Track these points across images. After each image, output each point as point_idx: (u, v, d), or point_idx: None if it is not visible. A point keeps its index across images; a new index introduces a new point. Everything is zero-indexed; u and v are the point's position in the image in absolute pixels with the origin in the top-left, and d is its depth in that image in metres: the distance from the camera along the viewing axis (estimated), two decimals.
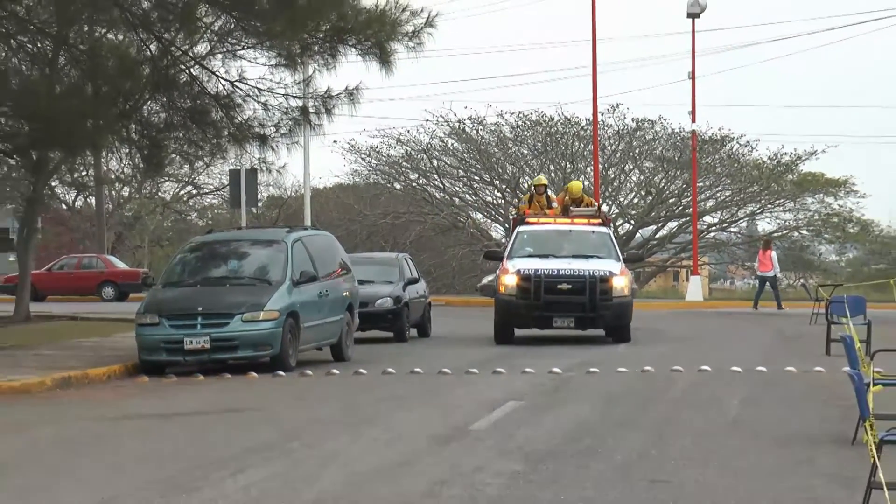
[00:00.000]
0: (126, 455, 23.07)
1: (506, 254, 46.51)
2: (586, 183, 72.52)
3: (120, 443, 25.01)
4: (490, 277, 72.99)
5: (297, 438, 24.37)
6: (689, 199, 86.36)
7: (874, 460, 15.14)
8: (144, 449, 23.92)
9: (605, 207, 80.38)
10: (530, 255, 45.60)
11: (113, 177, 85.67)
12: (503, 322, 44.51)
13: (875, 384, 18.25)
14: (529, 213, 55.21)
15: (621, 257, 47.99)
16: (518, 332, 52.90)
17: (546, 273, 43.67)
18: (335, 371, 38.90)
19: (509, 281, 41.86)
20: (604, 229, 50.42)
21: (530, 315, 43.81)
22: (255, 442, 23.59)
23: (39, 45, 45.99)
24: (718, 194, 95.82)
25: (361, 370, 37.05)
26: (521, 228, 50.96)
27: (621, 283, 44.68)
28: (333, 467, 21.33)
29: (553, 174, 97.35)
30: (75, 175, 76.95)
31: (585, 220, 49.84)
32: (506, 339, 44.20)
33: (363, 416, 27.63)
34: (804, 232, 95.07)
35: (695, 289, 74.56)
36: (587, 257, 47.03)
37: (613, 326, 47.61)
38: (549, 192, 58.28)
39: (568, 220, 50.97)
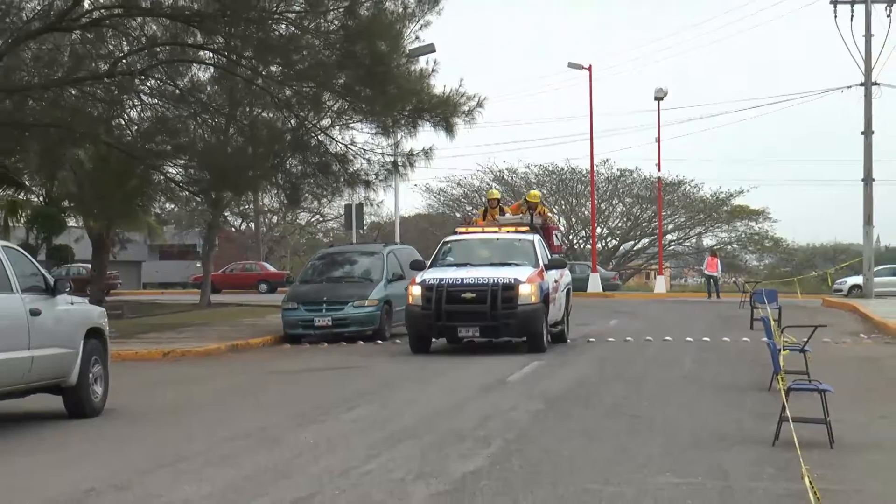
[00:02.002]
0: (273, 398, 23.93)
1: (428, 264, 35.68)
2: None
3: (270, 389, 25.74)
4: None
5: (389, 387, 24.45)
6: (656, 224, 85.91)
7: (784, 402, 15.06)
8: (286, 393, 24.79)
9: (598, 229, 79.75)
10: (449, 265, 34.63)
11: (266, 209, 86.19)
12: (414, 333, 34.25)
13: (784, 349, 18.17)
14: (484, 224, 40.82)
15: (542, 264, 34.49)
16: None
17: (450, 283, 32.80)
18: None
19: (415, 292, 32.51)
20: (529, 236, 36.53)
21: (434, 325, 33.15)
22: (361, 389, 24.36)
23: (216, 120, 46.04)
24: (676, 220, 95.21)
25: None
26: (447, 239, 39.06)
27: (527, 290, 32.38)
28: (413, 407, 21.37)
29: (563, 206, 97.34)
30: (240, 208, 77.63)
31: (513, 229, 37.00)
32: (421, 350, 33.67)
33: (435, 372, 27.71)
34: (735, 245, 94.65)
35: (660, 284, 74.06)
36: (503, 265, 34.23)
37: (521, 335, 34.12)
38: (503, 206, 43.29)
39: (496, 229, 37.72)
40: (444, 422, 19.24)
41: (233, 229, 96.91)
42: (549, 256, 34.12)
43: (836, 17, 59.48)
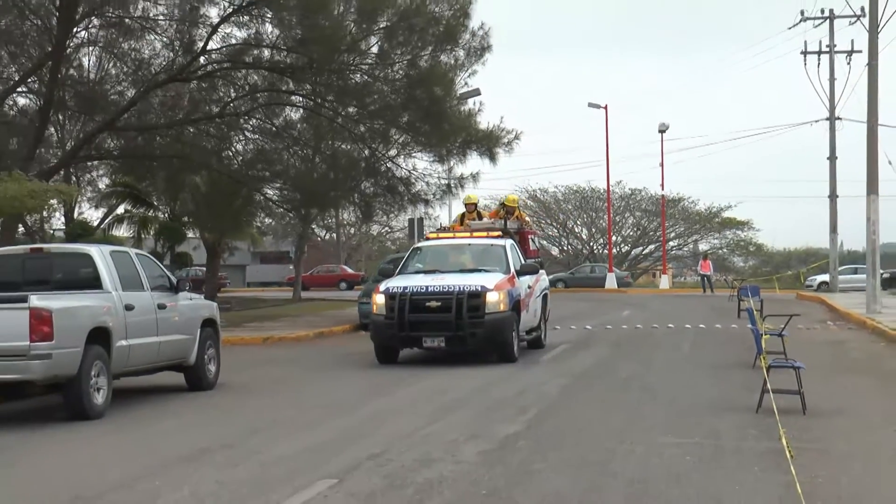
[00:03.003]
0: (348, 375, 23.81)
1: (396, 271, 29.56)
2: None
3: (347, 368, 25.57)
4: None
5: (447, 363, 24.21)
6: (660, 232, 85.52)
7: (765, 377, 15.00)
8: (360, 371, 24.60)
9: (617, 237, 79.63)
10: (417, 272, 28.38)
11: (345, 222, 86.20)
12: (378, 344, 27.56)
13: (765, 334, 18.08)
14: (459, 228, 34.12)
15: (513, 270, 27.87)
16: None
17: (414, 291, 26.71)
18: None
19: (379, 300, 26.62)
20: (501, 241, 29.51)
21: (397, 336, 26.81)
22: (418, 364, 24.21)
23: (304, 151, 46.24)
24: (676, 229, 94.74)
25: None
26: (417, 245, 32.95)
27: (495, 298, 26.05)
28: (468, 381, 21.32)
29: (585, 219, 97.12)
30: (325, 221, 77.83)
31: (485, 234, 30.13)
32: (388, 360, 27.09)
33: (459, 356, 27.51)
34: (724, 250, 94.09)
35: (664, 282, 73.49)
36: (473, 271, 27.73)
37: (488, 345, 26.84)
38: (481, 211, 35.29)
39: (468, 234, 30.65)
40: (492, 392, 19.33)
41: (318, 239, 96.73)
42: (523, 262, 27.28)
43: (805, 64, 60.06)
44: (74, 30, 41.21)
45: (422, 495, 10.91)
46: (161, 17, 43.11)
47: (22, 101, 43.72)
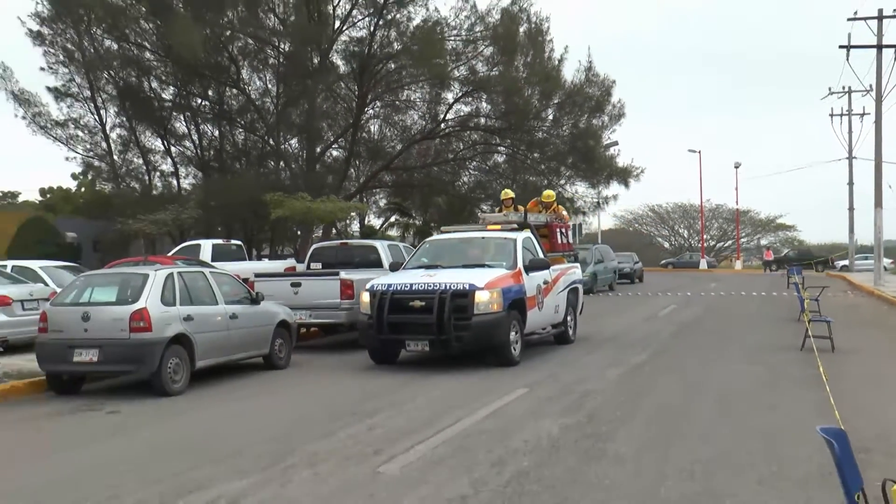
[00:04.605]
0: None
1: (402, 266, 18.09)
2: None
3: None
4: None
5: (600, 316, 24.08)
6: (735, 232, 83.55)
7: (807, 326, 14.70)
8: None
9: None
10: (419, 267, 17.12)
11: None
12: (366, 345, 16.20)
13: (806, 299, 17.81)
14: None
15: (520, 265, 16.27)
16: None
17: (397, 289, 15.54)
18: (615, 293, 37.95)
19: (364, 299, 15.97)
20: (513, 235, 17.37)
21: (377, 337, 15.52)
22: (586, 316, 23.22)
23: (506, 181, 46.04)
24: (745, 230, 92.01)
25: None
26: (428, 239, 21.10)
27: (485, 297, 14.95)
28: (610, 327, 21.18)
29: (686, 224, 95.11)
30: None
31: (498, 227, 18.61)
32: (383, 360, 15.79)
33: (624, 306, 27.27)
34: (777, 244, 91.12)
35: (738, 265, 71.81)
36: (474, 267, 16.30)
37: (477, 348, 15.03)
38: (518, 206, 21.04)
39: (481, 228, 19.33)
40: (626, 336, 19.26)
41: None
42: (540, 256, 16.99)
43: (832, 122, 59.59)
44: (365, 109, 42.31)
45: (583, 399, 11.09)
46: (418, 100, 44.18)
47: (335, 153, 44.79)
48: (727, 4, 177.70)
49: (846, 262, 61.47)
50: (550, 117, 44.62)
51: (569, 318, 17.94)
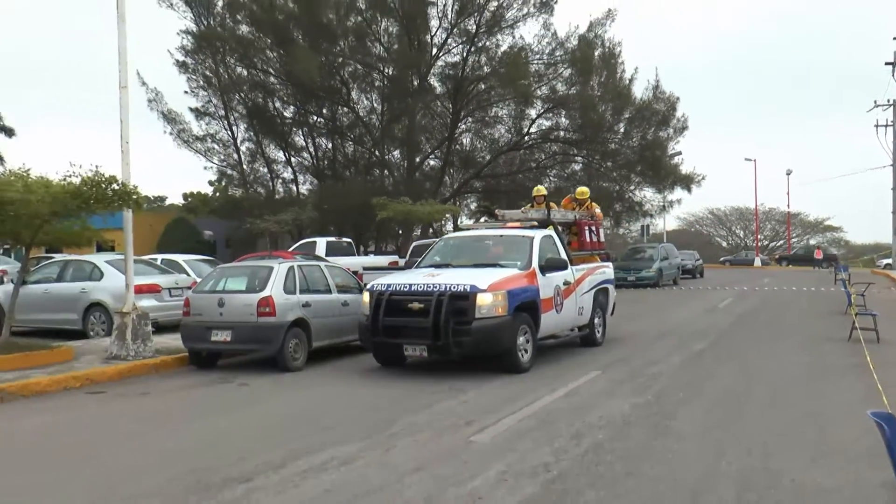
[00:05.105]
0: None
1: (416, 264, 14.67)
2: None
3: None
4: None
5: (661, 309, 23.73)
6: (786, 232, 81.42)
7: (854, 319, 14.26)
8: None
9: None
10: (431, 265, 13.49)
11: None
12: (365, 346, 12.74)
13: (853, 294, 17.22)
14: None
15: (535, 265, 12.79)
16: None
17: (395, 290, 12.04)
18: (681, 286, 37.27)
19: (365, 299, 12.40)
20: (531, 233, 13.82)
21: (372, 340, 12.17)
22: (643, 310, 22.65)
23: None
24: (795, 231, 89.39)
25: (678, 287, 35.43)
26: (445, 236, 16.19)
27: (488, 300, 11.48)
28: (671, 318, 20.83)
29: (742, 226, 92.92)
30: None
31: (518, 224, 14.90)
32: (386, 362, 12.70)
33: (683, 299, 26.77)
34: (825, 244, 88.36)
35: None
36: (485, 266, 12.77)
37: (479, 355, 11.70)
38: (551, 203, 17.27)
39: (500, 225, 15.25)
40: (689, 325, 18.90)
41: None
42: (561, 255, 13.87)
43: (877, 132, 57.47)
44: (459, 124, 42.39)
45: (650, 381, 10.93)
46: (504, 116, 44.08)
47: (432, 162, 44.95)
48: (782, 28, 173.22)
49: (889, 261, 59.48)
50: (622, 130, 44.14)
51: (596, 320, 15.11)
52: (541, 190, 17.70)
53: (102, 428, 8.78)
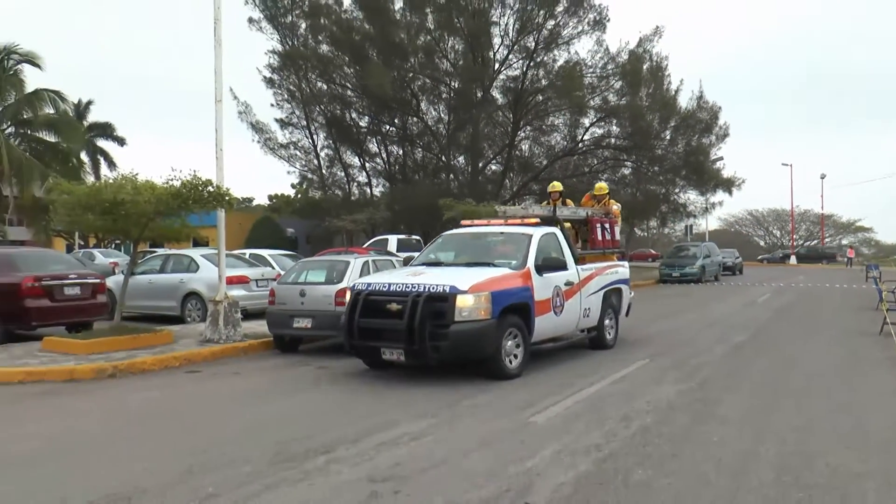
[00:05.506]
0: (643, 308, 21.96)
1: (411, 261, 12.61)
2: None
3: (646, 302, 23.67)
4: None
5: (705, 303, 23.32)
6: (819, 233, 79.53)
7: (884, 314, 13.85)
8: (651, 302, 22.80)
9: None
10: (423, 263, 11.70)
11: (650, 227, 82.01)
12: (348, 349, 10.43)
13: (884, 291, 16.72)
14: None
15: (529, 265, 10.68)
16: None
17: (374, 289, 10.07)
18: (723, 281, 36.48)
19: (346, 298, 10.88)
20: (531, 230, 11.67)
21: (348, 342, 10.21)
22: (688, 303, 22.23)
23: (631, 190, 44.97)
24: (828, 232, 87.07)
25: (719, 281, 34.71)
26: (444, 233, 12.91)
27: (468, 302, 9.50)
28: (714, 313, 20.46)
29: (779, 226, 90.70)
30: (641, 226, 73.58)
31: (519, 221, 12.43)
32: (373, 365, 10.82)
33: (725, 297, 26.25)
34: (857, 244, 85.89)
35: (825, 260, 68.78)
36: (476, 265, 10.81)
37: (457, 360, 9.71)
38: (567, 199, 15.69)
39: (501, 222, 12.57)
40: (730, 319, 18.57)
41: (639, 233, 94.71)
42: (564, 254, 11.83)
43: None
44: (518, 132, 42.27)
45: (695, 370, 10.78)
46: (560, 125, 43.82)
47: (494, 167, 44.90)
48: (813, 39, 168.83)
49: None
50: (668, 137, 43.58)
51: (606, 322, 13.11)
52: (556, 186, 15.62)
53: (199, 402, 8.98)
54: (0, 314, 13.96)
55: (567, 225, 13.76)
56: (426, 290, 9.73)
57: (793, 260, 65.76)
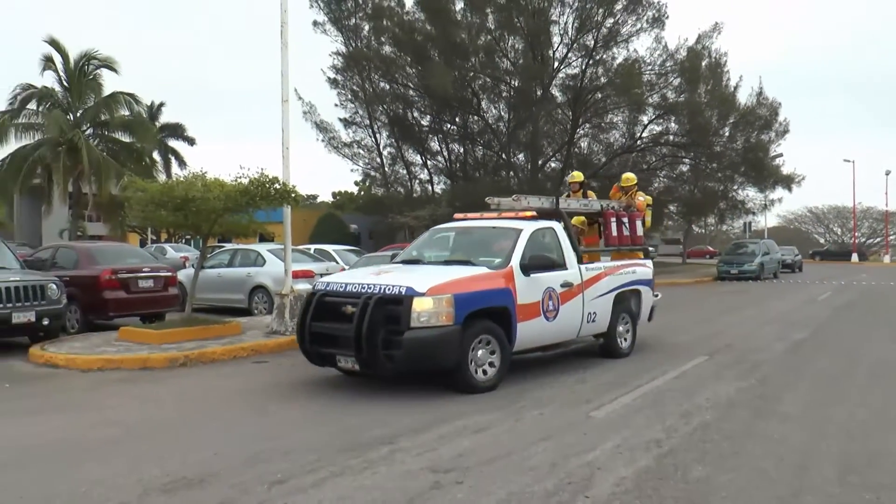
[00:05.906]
0: (710, 304, 21.55)
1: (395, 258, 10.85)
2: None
3: (710, 297, 23.26)
4: None
5: (763, 299, 22.80)
6: (883, 230, 77.08)
7: None
8: (712, 296, 22.38)
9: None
10: (403, 261, 10.19)
11: (708, 224, 79.78)
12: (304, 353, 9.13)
13: None
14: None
15: (513, 264, 9.01)
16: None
17: (329, 290, 8.77)
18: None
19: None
20: (521, 225, 9.80)
21: (301, 348, 9.00)
22: (748, 299, 21.73)
23: (689, 187, 44.20)
24: (893, 228, 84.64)
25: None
26: (434, 227, 11.34)
27: (426, 305, 7.95)
28: (772, 310, 20.00)
29: (840, 223, 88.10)
30: (699, 223, 71.54)
31: (513, 214, 10.40)
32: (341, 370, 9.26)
33: (784, 294, 25.59)
34: None
35: (886, 259, 66.03)
36: (454, 263, 9.29)
37: (413, 370, 8.30)
38: (587, 190, 13.75)
39: (495, 216, 10.70)
40: (789, 316, 18.10)
41: (696, 230, 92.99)
42: (563, 252, 10.10)
43: None
44: (577, 130, 41.91)
45: (754, 367, 10.56)
46: (619, 122, 43.27)
47: (553, 164, 44.56)
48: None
49: None
50: (727, 134, 42.66)
51: (620, 328, 11.35)
52: (576, 176, 13.92)
53: (266, 391, 9.08)
54: (80, 304, 14.52)
55: (581, 219, 12.58)
56: (381, 290, 8.42)
57: (854, 258, 63.99)
